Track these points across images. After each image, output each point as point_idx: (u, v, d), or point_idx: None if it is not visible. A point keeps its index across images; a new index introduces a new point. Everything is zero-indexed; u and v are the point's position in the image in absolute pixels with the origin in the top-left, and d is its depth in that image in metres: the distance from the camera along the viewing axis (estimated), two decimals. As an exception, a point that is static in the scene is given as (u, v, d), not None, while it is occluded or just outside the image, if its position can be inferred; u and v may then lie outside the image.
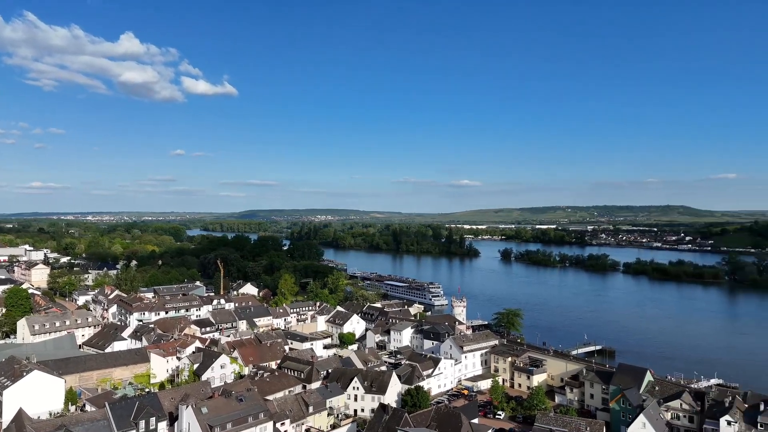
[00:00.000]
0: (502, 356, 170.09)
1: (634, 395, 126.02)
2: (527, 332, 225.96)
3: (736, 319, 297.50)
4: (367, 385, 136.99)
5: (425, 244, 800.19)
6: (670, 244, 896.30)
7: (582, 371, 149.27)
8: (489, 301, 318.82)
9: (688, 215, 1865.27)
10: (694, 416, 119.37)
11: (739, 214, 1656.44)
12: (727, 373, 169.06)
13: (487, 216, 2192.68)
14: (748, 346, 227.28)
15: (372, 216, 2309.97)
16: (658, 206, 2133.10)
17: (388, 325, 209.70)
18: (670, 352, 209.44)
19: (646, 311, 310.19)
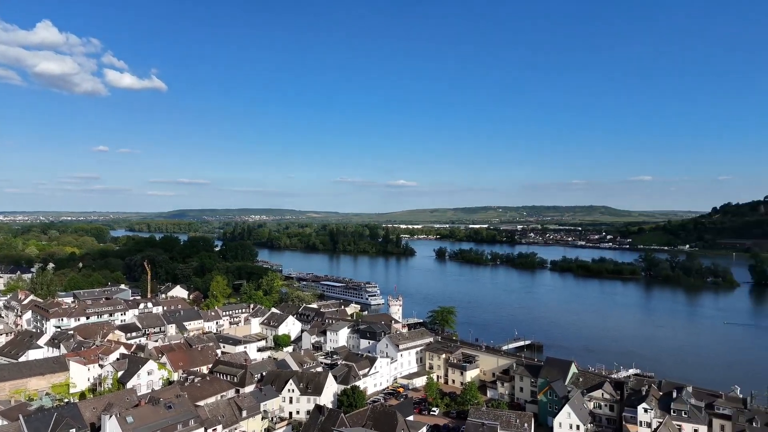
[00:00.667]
0: (437, 353, 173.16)
1: (560, 387, 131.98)
2: (461, 329, 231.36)
3: (651, 312, 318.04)
4: (303, 387, 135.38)
5: (362, 244, 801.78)
6: (593, 242, 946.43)
7: (512, 366, 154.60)
8: (425, 299, 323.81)
9: (609, 215, 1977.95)
10: (614, 405, 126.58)
11: (654, 214, 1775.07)
12: (644, 363, 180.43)
13: (423, 216, 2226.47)
14: (662, 337, 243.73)
15: (309, 216, 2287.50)
16: (582, 206, 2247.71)
17: (324, 325, 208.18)
18: (593, 345, 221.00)
19: (572, 306, 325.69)
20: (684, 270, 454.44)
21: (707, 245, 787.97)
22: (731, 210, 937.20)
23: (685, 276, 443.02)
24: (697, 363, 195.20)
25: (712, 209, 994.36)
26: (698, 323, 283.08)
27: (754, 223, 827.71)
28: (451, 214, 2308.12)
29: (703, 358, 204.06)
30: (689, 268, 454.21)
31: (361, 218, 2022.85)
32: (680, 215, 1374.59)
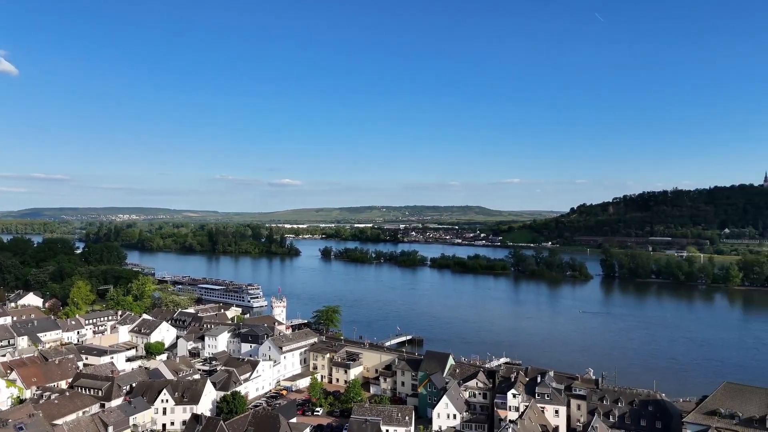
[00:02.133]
0: (321, 353, 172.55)
1: (439, 379, 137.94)
2: (346, 328, 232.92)
3: (520, 304, 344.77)
4: (178, 396, 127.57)
5: (244, 244, 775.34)
6: (469, 240, 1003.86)
7: (394, 361, 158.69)
8: (310, 299, 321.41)
9: (483, 215, 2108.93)
10: (487, 393, 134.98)
11: (522, 214, 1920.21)
12: (513, 352, 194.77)
13: (309, 215, 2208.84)
14: (529, 327, 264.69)
15: (185, 215, 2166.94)
16: (459, 206, 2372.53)
17: (202, 330, 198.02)
18: (470, 337, 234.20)
19: (450, 301, 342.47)
20: (547, 265, 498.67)
21: (566, 242, 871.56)
22: (586, 210, 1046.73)
23: (548, 270, 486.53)
24: (558, 349, 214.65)
25: (570, 209, 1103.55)
26: (559, 313, 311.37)
27: (604, 222, 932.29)
28: (336, 214, 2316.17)
29: (563, 345, 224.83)
30: (551, 263, 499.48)
31: (242, 218, 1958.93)
32: (544, 215, 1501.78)
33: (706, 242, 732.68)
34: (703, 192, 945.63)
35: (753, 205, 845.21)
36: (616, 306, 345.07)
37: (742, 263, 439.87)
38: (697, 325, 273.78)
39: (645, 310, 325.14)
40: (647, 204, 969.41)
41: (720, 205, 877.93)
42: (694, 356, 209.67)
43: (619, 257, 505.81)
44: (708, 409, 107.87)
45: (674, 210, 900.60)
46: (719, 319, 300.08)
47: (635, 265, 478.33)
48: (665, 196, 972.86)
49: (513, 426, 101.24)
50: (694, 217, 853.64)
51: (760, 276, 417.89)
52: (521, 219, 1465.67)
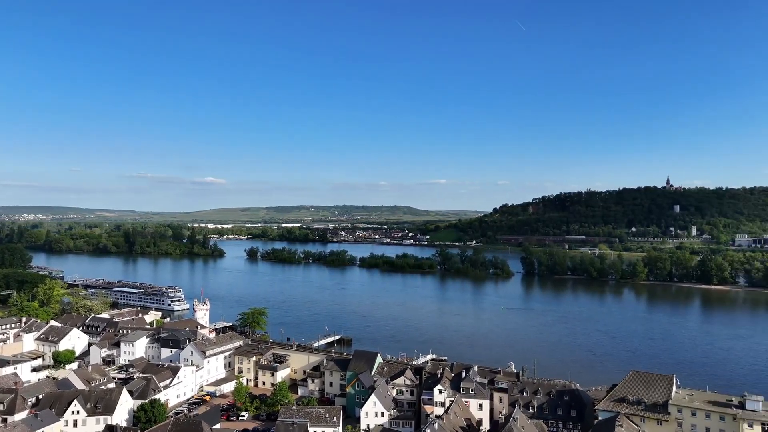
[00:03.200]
0: (247, 356, 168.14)
1: (367, 378, 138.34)
2: (273, 330, 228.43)
3: (447, 302, 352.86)
4: (91, 407, 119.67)
5: (164, 245, 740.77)
6: (397, 239, 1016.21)
7: (323, 362, 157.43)
8: (236, 301, 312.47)
9: (411, 214, 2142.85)
10: (414, 389, 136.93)
11: (448, 214, 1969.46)
12: (439, 348, 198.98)
13: (234, 215, 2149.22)
14: (455, 324, 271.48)
15: (98, 215, 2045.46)
16: (388, 206, 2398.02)
17: (118, 336, 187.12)
18: (398, 335, 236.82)
19: (379, 300, 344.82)
20: (471, 263, 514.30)
21: (489, 241, 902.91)
22: (508, 210, 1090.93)
23: (472, 268, 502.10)
24: (483, 345, 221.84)
25: (493, 209, 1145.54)
26: (483, 309, 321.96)
27: (525, 222, 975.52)
28: (263, 214, 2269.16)
29: (487, 340, 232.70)
30: (475, 262, 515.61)
31: (162, 217, 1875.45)
32: (469, 214, 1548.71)
33: (616, 240, 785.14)
34: (613, 193, 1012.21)
35: (657, 205, 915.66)
36: (535, 302, 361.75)
37: (647, 260, 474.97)
38: (609, 318, 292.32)
39: (562, 305, 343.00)
40: (564, 204, 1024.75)
41: (628, 205, 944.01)
42: (607, 347, 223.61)
43: (538, 255, 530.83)
44: (617, 396, 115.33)
45: (588, 210, 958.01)
46: (628, 311, 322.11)
47: (553, 262, 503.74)
48: (580, 197, 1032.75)
49: (439, 421, 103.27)
50: (605, 216, 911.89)
51: (663, 271, 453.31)
52: (447, 219, 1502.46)
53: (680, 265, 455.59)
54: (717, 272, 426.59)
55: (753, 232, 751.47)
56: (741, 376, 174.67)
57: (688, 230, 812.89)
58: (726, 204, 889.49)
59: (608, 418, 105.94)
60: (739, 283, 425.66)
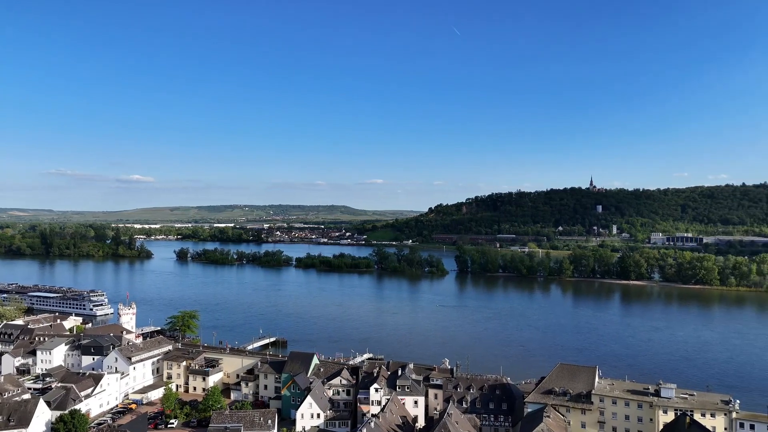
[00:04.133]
0: (176, 361, 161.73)
1: (303, 379, 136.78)
2: (205, 333, 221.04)
3: (383, 301, 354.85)
4: (4, 420, 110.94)
5: (85, 247, 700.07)
6: (334, 239, 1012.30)
7: (257, 364, 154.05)
8: (166, 305, 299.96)
9: (349, 214, 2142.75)
10: (351, 389, 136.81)
11: (385, 213, 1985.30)
12: (376, 347, 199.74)
13: (163, 215, 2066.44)
14: (392, 322, 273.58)
15: (11, 214, 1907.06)
16: (325, 206, 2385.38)
17: (33, 344, 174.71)
18: (336, 335, 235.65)
19: (317, 300, 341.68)
20: (408, 262, 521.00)
21: (425, 240, 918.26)
22: (442, 210, 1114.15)
23: (408, 267, 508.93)
24: (419, 342, 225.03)
25: (428, 209, 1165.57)
26: (419, 307, 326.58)
27: (459, 221, 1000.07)
28: (194, 213, 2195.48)
29: (424, 338, 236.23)
30: (411, 260, 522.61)
31: (84, 217, 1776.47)
32: (405, 214, 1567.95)
33: (544, 239, 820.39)
34: (542, 194, 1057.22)
35: (581, 205, 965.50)
36: (469, 299, 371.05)
37: (573, 257, 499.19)
38: (539, 314, 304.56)
39: (495, 302, 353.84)
40: (495, 204, 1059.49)
41: (555, 205, 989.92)
42: (537, 342, 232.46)
43: (472, 254, 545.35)
44: (545, 388, 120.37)
45: (518, 210, 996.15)
46: (556, 307, 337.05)
47: (485, 260, 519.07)
48: (510, 197, 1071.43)
49: (375, 420, 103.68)
50: (534, 216, 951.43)
51: (587, 268, 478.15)
52: (385, 218, 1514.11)
53: (602, 262, 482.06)
54: (635, 269, 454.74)
55: (666, 231, 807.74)
56: (658, 366, 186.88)
57: (610, 229, 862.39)
58: (643, 204, 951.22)
59: (536, 409, 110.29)
60: (654, 279, 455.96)
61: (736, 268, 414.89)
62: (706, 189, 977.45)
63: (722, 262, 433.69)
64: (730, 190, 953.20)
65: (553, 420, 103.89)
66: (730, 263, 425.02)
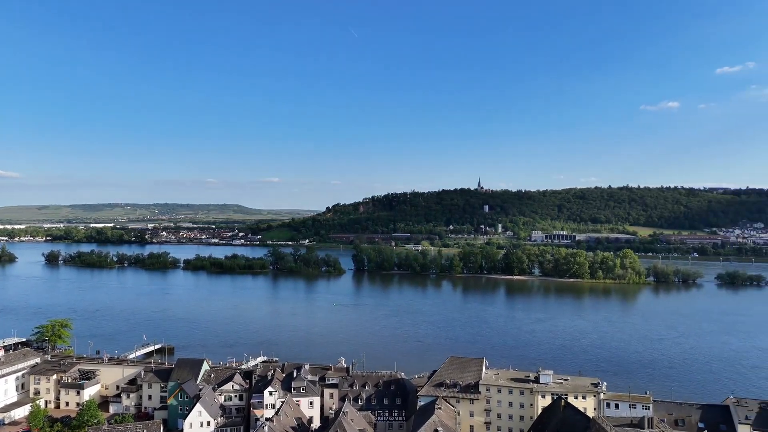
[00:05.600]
0: (45, 375, 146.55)
1: (192, 387, 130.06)
2: (80, 343, 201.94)
3: (279, 302, 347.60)
4: None
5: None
6: (227, 239, 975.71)
7: (140, 374, 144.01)
8: (33, 314, 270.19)
9: (242, 213, 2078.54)
10: (243, 394, 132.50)
11: (281, 213, 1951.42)
12: (271, 349, 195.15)
13: (29, 214, 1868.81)
14: (288, 323, 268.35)
15: None
16: (216, 205, 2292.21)
17: None
18: (230, 339, 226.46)
19: (208, 304, 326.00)
20: (304, 262, 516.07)
21: (322, 239, 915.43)
22: (340, 209, 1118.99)
23: (305, 267, 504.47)
24: (316, 342, 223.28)
25: (326, 208, 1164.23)
26: (317, 307, 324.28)
27: (356, 220, 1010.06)
28: (66, 212, 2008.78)
29: (321, 337, 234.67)
30: (308, 260, 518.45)
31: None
32: (302, 213, 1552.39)
33: (436, 237, 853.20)
34: (434, 194, 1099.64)
35: (470, 205, 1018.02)
36: (366, 297, 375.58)
37: (462, 255, 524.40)
38: (433, 309, 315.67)
39: (391, 299, 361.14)
40: (391, 204, 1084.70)
41: (446, 205, 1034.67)
42: (432, 336, 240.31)
43: (368, 252, 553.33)
44: (437, 381, 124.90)
45: (412, 209, 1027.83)
46: (448, 302, 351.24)
47: (381, 259, 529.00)
48: (405, 197, 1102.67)
49: (269, 423, 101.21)
50: (427, 215, 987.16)
51: (475, 265, 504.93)
52: (281, 218, 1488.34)
53: (489, 259, 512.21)
54: (517, 265, 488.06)
55: (545, 229, 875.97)
56: (540, 354, 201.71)
57: (496, 227, 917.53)
58: (525, 204, 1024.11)
59: (428, 402, 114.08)
60: (534, 274, 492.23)
61: (603, 263, 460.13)
62: (578, 191, 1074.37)
63: (592, 257, 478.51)
64: (599, 192, 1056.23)
65: (444, 411, 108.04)
66: (599, 258, 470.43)
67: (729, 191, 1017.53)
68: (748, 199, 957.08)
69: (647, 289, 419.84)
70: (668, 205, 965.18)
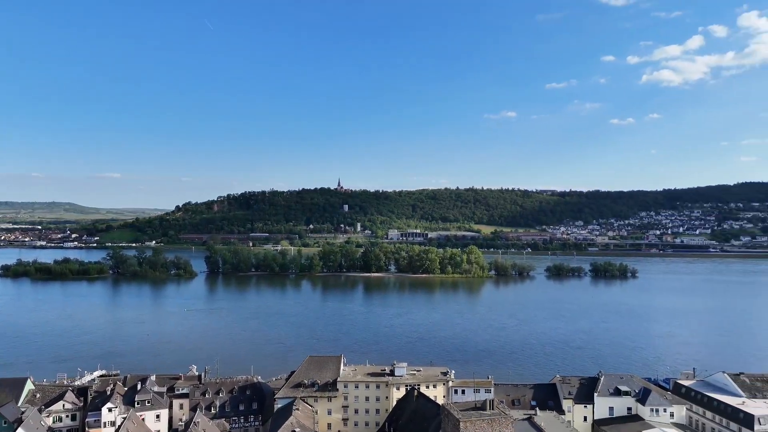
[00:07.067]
0: None
1: (12, 410, 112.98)
2: None
3: (122, 309, 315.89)
4: None
5: None
6: (56, 242, 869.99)
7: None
8: None
9: (76, 212, 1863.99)
10: (77, 413, 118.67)
11: (123, 212, 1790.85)
12: (110, 362, 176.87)
13: None
14: (133, 333, 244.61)
15: None
16: (43, 203, 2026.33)
17: None
18: (60, 353, 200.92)
19: (35, 315, 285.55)
20: (151, 265, 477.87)
21: (171, 240, 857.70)
22: (192, 208, 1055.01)
23: (152, 270, 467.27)
24: (165, 351, 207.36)
25: (176, 207, 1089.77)
26: (166, 313, 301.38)
27: (210, 220, 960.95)
28: None
29: (171, 345, 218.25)
30: (155, 263, 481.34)
31: None
32: (148, 212, 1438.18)
33: (296, 237, 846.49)
34: (294, 193, 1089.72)
35: (330, 204, 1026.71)
36: (221, 300, 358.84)
37: (322, 254, 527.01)
38: (294, 309, 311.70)
39: (249, 301, 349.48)
40: (249, 203, 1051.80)
41: (306, 204, 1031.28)
42: (294, 337, 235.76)
43: (223, 253, 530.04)
44: (295, 382, 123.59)
45: (271, 209, 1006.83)
46: (309, 301, 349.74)
47: (237, 260, 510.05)
48: (264, 196, 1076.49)
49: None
50: (287, 214, 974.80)
51: (335, 263, 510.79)
52: (123, 217, 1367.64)
53: (348, 257, 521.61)
54: (375, 262, 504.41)
55: (401, 228, 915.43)
56: (398, 347, 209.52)
57: (355, 227, 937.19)
58: (382, 204, 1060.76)
59: (286, 404, 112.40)
60: (391, 270, 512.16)
61: (452, 259, 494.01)
62: (430, 191, 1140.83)
63: (442, 254, 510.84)
64: (448, 193, 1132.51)
65: (302, 412, 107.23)
66: (448, 255, 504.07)
67: (556, 193, 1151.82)
68: (570, 200, 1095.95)
69: (490, 281, 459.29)
70: (507, 206, 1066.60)
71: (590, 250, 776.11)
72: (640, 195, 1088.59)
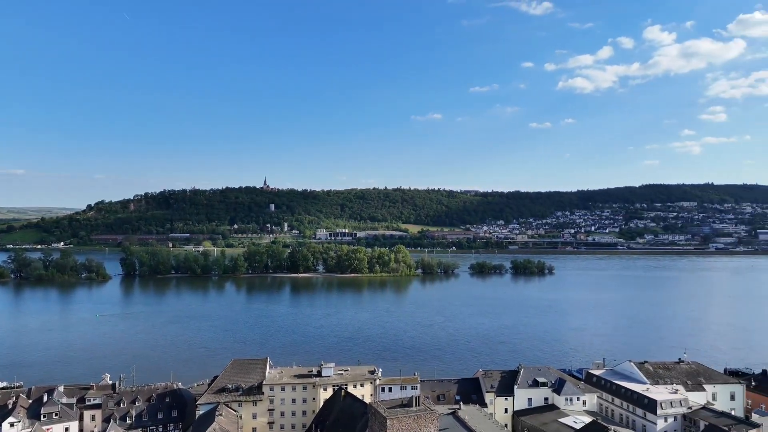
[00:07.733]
0: None
1: None
2: None
3: (25, 317, 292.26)
4: None
5: None
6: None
7: None
8: None
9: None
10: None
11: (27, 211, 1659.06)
12: (11, 373, 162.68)
13: None
14: (38, 342, 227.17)
15: None
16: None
17: None
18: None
19: None
20: (59, 268, 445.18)
21: (82, 241, 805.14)
22: (105, 207, 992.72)
23: (60, 274, 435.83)
24: (75, 360, 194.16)
25: (87, 206, 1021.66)
26: (76, 319, 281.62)
27: (125, 220, 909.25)
28: None
29: (83, 354, 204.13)
30: (64, 266, 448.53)
31: None
32: (56, 212, 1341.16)
33: (219, 237, 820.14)
34: (217, 192, 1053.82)
35: (256, 204, 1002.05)
36: (138, 304, 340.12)
37: (247, 254, 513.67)
38: (218, 312, 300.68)
39: (168, 305, 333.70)
40: (168, 202, 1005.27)
41: (231, 203, 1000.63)
42: (218, 341, 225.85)
43: (140, 255, 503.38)
44: (218, 387, 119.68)
45: (193, 208, 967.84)
46: (234, 303, 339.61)
47: (156, 262, 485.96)
48: (185, 195, 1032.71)
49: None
50: (209, 214, 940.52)
51: (261, 264, 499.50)
52: (26, 217, 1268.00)
53: (275, 257, 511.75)
54: (303, 262, 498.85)
55: (329, 228, 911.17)
56: (327, 348, 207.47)
57: (282, 226, 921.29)
58: (310, 203, 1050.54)
59: (208, 410, 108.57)
60: (319, 270, 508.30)
61: (380, 258, 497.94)
62: (359, 191, 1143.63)
63: (370, 253, 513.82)
64: (377, 193, 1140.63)
65: (225, 417, 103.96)
66: (376, 254, 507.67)
67: (479, 193, 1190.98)
68: (492, 200, 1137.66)
69: (417, 280, 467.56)
70: (433, 205, 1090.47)
71: (511, 248, 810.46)
72: (556, 196, 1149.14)
